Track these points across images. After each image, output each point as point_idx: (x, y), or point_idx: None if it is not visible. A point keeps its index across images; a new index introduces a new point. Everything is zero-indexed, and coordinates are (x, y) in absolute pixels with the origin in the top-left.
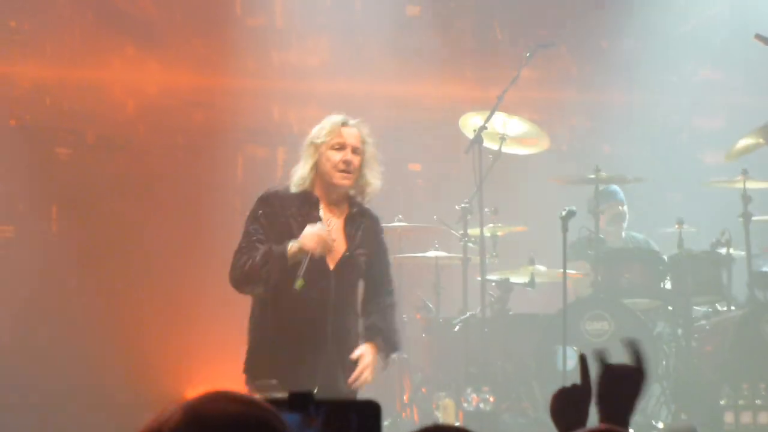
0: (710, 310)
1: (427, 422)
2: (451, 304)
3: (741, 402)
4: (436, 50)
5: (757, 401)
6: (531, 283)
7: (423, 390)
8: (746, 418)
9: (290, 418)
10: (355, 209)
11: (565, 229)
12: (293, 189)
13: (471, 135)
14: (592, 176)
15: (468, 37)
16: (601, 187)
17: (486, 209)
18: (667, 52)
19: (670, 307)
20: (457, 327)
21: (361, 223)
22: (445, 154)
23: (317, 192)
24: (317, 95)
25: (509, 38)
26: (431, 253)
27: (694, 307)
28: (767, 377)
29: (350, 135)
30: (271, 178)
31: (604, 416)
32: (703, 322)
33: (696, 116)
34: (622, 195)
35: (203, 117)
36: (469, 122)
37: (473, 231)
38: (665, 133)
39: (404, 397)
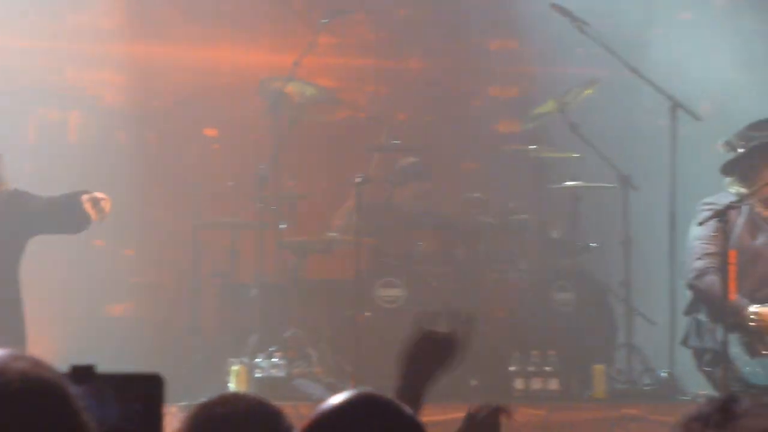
0: (502, 277)
1: (220, 388)
2: (246, 269)
3: (531, 368)
4: (232, 15)
5: (547, 368)
6: (325, 249)
7: (214, 356)
8: (536, 384)
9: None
10: None
11: (359, 196)
12: None
13: (268, 100)
14: (389, 144)
15: (265, 2)
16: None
17: (282, 175)
18: (462, 21)
19: (461, 274)
20: (252, 293)
21: None
22: (243, 120)
23: None
24: (113, 59)
25: (306, 4)
26: (226, 219)
27: (486, 274)
28: (557, 344)
29: None
30: (64, 142)
31: (402, 378)
32: (494, 288)
33: (491, 85)
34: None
35: None
36: (267, 88)
37: (269, 197)
38: (460, 101)
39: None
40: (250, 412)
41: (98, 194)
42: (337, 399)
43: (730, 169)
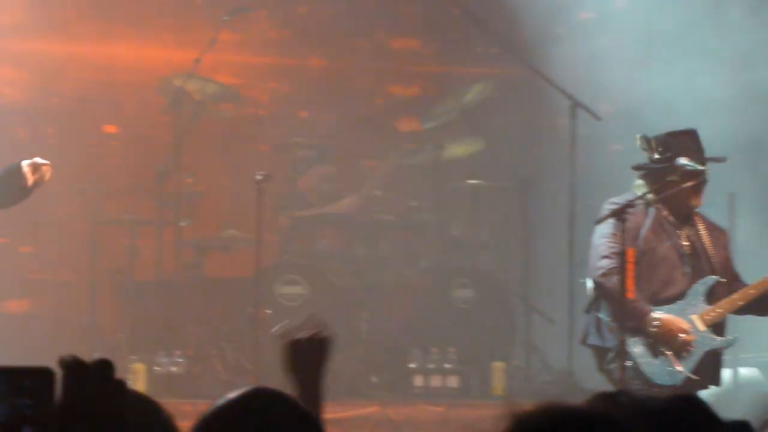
0: (403, 275)
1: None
2: (146, 267)
3: (431, 366)
4: (133, 11)
5: (446, 365)
6: (225, 247)
7: (113, 354)
8: (436, 381)
9: None
10: None
11: (260, 193)
12: None
13: (169, 97)
14: (290, 141)
15: None
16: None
17: (183, 172)
18: (363, 20)
19: (363, 272)
20: (151, 290)
21: None
22: (143, 117)
23: None
24: (12, 55)
25: (208, 1)
26: (126, 216)
27: (388, 272)
28: (456, 341)
29: None
30: None
31: (297, 387)
32: (395, 286)
33: (392, 84)
34: (318, 161)
35: None
36: (167, 84)
37: (169, 194)
38: (362, 99)
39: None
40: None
41: (39, 159)
42: (232, 395)
43: (642, 169)
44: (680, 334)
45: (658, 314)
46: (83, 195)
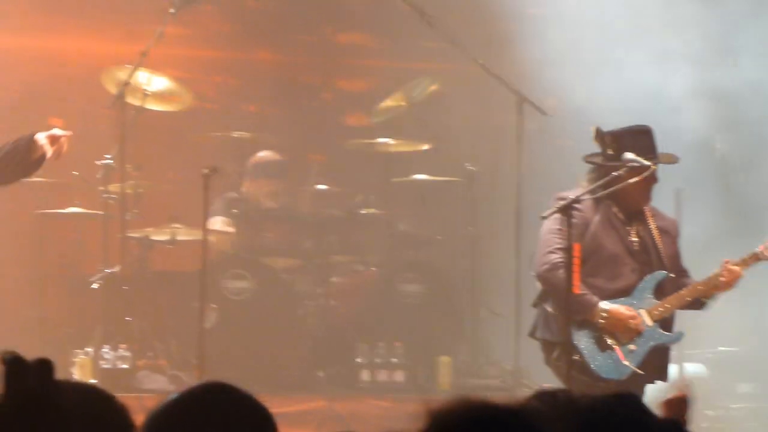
0: (349, 269)
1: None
2: (91, 260)
3: (377, 360)
4: (79, 4)
5: (393, 359)
6: (171, 241)
7: (59, 347)
8: (382, 376)
9: None
10: None
11: (206, 188)
12: None
13: (114, 91)
14: (237, 135)
15: None
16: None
17: (128, 165)
18: (311, 14)
19: (309, 266)
20: (96, 284)
21: None
22: (87, 110)
23: None
24: None
25: None
26: (71, 209)
27: (334, 266)
28: (403, 336)
29: None
30: None
31: None
32: (342, 280)
33: (340, 79)
34: (272, 156)
35: None
36: (112, 78)
37: (114, 187)
38: (309, 94)
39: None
40: (81, 399)
41: (57, 130)
42: (185, 389)
43: (593, 162)
44: (630, 321)
45: (606, 305)
46: (29, 188)
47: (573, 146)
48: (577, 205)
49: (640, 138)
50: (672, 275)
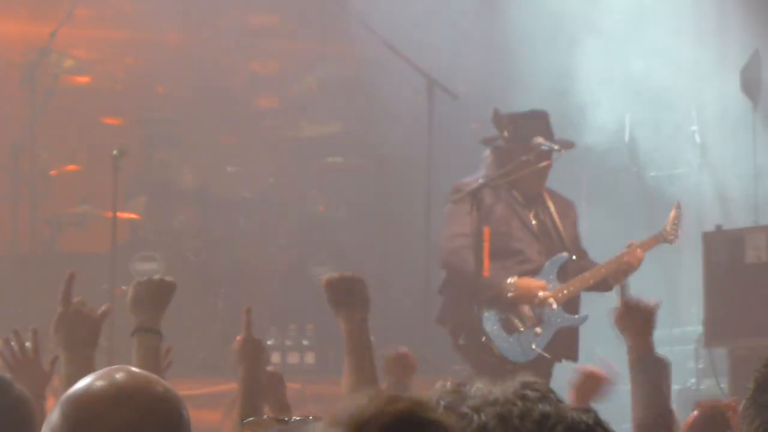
0: (261, 251)
1: None
2: (0, 242)
3: (288, 343)
4: None
5: (304, 342)
6: (81, 223)
7: None
8: (293, 358)
9: None
10: None
11: (117, 169)
12: None
13: (24, 72)
14: (147, 117)
15: None
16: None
17: (40, 147)
18: None
19: (220, 249)
20: (5, 266)
21: None
22: None
23: None
24: None
25: None
26: None
27: (245, 248)
28: (314, 318)
29: None
30: None
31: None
32: (254, 263)
33: (251, 60)
34: (175, 137)
35: None
36: (23, 59)
37: (24, 168)
38: (220, 75)
39: None
40: None
41: None
42: (90, 377)
43: (492, 144)
44: (539, 292)
45: (513, 279)
46: None
47: (481, 130)
48: (479, 189)
49: (537, 121)
50: (574, 257)
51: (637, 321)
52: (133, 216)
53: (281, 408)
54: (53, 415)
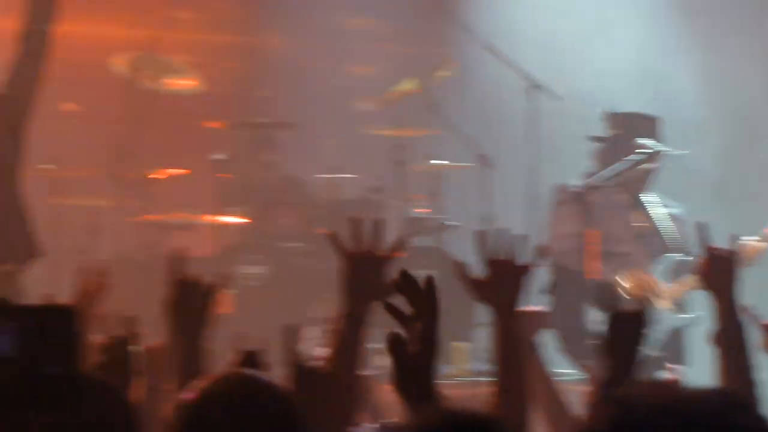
0: None
1: None
2: (107, 246)
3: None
4: None
5: None
6: (187, 226)
7: None
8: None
9: None
10: None
11: (219, 172)
12: None
13: (127, 75)
14: (249, 121)
15: None
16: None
17: (142, 151)
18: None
19: (324, 251)
20: (112, 270)
21: None
22: (100, 95)
23: None
24: None
25: None
26: (86, 194)
27: None
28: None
29: None
30: None
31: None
32: None
33: (349, 63)
34: (277, 140)
35: None
36: (124, 62)
37: (128, 172)
38: (318, 79)
39: None
40: None
41: None
42: (207, 381)
43: (600, 142)
44: (652, 282)
45: (622, 279)
46: (43, 174)
47: (582, 130)
48: (585, 190)
49: (646, 124)
50: (682, 257)
51: (725, 274)
52: (236, 219)
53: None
54: (175, 418)
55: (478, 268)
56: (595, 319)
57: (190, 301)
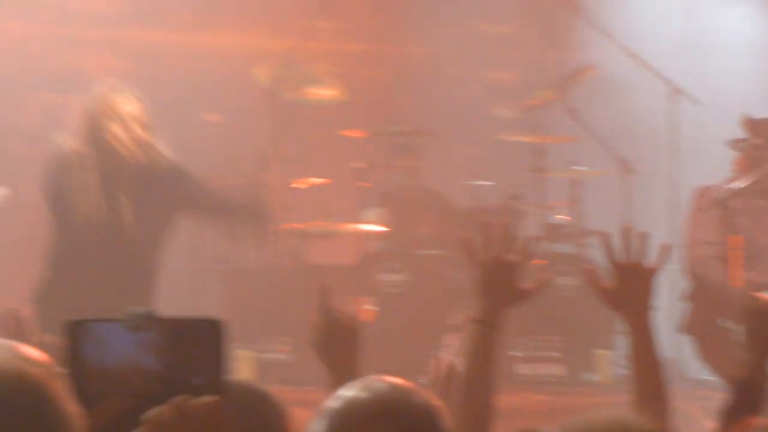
0: None
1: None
2: (248, 254)
3: (535, 353)
4: (230, 1)
5: (551, 353)
6: (328, 235)
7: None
8: (540, 369)
9: (126, 338)
10: None
11: (358, 181)
12: None
13: (267, 85)
14: (388, 129)
15: None
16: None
17: (284, 159)
18: (458, 5)
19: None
20: (252, 277)
21: None
22: (241, 105)
23: None
24: (112, 44)
25: None
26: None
27: None
28: (560, 329)
29: None
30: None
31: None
32: None
33: (488, 70)
34: (415, 148)
35: None
36: (265, 73)
37: (270, 180)
38: (457, 85)
39: None
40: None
41: None
42: (352, 389)
43: (740, 149)
44: None
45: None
46: None
47: (722, 136)
48: (726, 197)
49: None
50: None
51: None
52: (376, 227)
53: None
54: (318, 426)
55: (608, 274)
56: (735, 328)
57: (338, 342)
